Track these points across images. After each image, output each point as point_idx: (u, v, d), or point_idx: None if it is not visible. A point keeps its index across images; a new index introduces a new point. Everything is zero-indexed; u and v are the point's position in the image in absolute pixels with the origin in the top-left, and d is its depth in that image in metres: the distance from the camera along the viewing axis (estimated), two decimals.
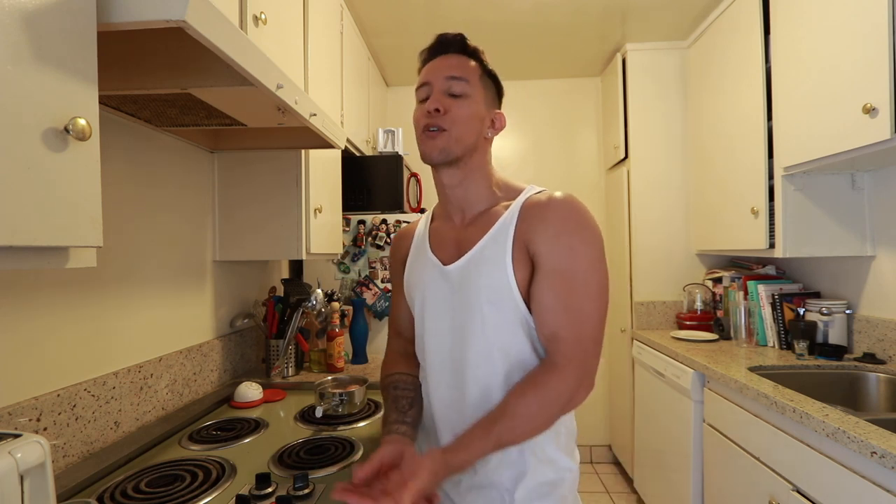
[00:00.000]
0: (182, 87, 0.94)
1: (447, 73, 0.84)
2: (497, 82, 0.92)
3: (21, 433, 0.56)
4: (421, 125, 0.85)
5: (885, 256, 1.70)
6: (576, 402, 0.78)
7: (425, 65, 0.89)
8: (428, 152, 0.84)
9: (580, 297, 0.77)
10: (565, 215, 0.80)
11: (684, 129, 2.59)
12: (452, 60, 0.86)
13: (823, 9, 1.52)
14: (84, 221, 0.56)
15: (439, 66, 0.86)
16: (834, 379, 1.65)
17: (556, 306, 0.77)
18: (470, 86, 0.84)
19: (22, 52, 0.49)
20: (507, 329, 0.81)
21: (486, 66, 0.89)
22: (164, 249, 1.32)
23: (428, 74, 0.86)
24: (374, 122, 2.62)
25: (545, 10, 2.26)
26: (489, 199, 0.89)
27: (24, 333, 0.90)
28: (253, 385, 1.43)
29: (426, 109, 0.83)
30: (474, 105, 0.85)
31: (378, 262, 2.13)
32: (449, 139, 0.83)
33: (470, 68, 0.86)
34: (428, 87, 0.86)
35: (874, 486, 1.01)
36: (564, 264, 0.77)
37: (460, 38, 0.87)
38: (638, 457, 2.45)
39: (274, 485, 0.88)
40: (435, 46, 0.88)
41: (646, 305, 2.60)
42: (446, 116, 0.83)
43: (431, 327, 0.89)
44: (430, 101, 0.83)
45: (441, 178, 0.89)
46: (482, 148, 0.88)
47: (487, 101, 0.88)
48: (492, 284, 0.81)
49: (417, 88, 0.88)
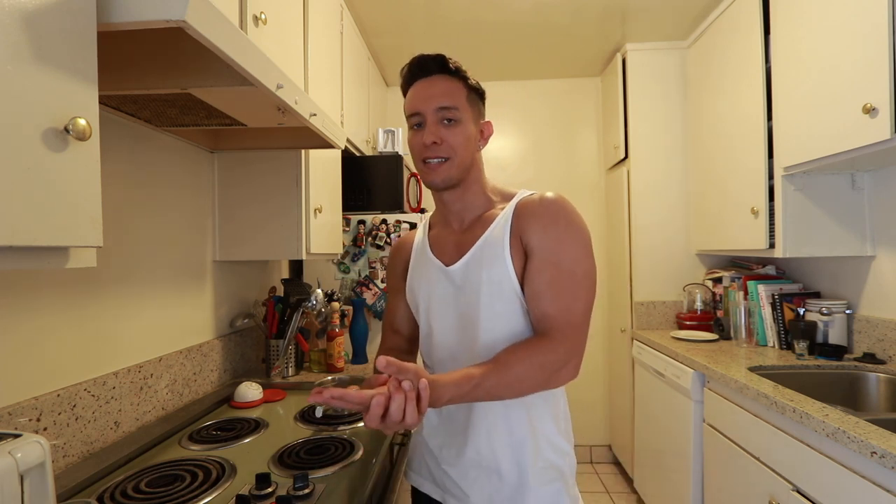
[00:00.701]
0: (182, 87, 0.94)
1: (437, 103, 0.86)
2: (481, 94, 0.94)
3: (21, 433, 0.56)
4: (419, 156, 0.89)
5: (885, 256, 1.70)
6: (562, 377, 0.81)
7: (409, 86, 0.91)
8: (431, 182, 0.90)
9: (567, 282, 0.82)
10: (555, 211, 0.85)
11: (684, 130, 2.59)
12: (439, 87, 0.88)
13: (823, 9, 1.52)
14: (84, 221, 0.56)
15: (428, 94, 0.87)
16: (834, 379, 1.65)
17: (546, 291, 0.82)
18: (460, 111, 0.87)
19: (22, 52, 0.49)
20: (511, 318, 0.86)
21: (470, 82, 0.91)
22: (165, 249, 1.32)
23: (417, 103, 0.88)
24: (374, 122, 2.62)
25: (545, 10, 2.26)
26: (485, 204, 0.94)
27: (24, 333, 0.90)
28: (253, 385, 1.43)
29: (423, 143, 0.87)
30: (467, 129, 0.89)
31: (378, 262, 2.13)
32: (451, 168, 0.88)
33: (457, 93, 0.88)
34: (419, 115, 0.88)
35: (874, 486, 1.01)
36: (553, 253, 0.83)
37: (440, 58, 0.89)
38: (638, 457, 2.45)
39: (274, 485, 0.88)
40: (415, 68, 0.90)
41: (646, 305, 2.60)
42: (443, 146, 0.87)
43: (438, 326, 0.93)
44: (427, 134, 0.86)
45: (442, 197, 0.95)
46: (476, 162, 0.93)
47: (475, 117, 0.92)
48: (493, 278, 0.86)
49: (409, 116, 0.90)
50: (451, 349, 0.91)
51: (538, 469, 0.86)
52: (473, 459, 0.88)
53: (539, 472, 0.86)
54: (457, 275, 0.91)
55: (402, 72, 0.93)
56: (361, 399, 0.65)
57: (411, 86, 0.91)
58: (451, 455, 0.91)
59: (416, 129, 0.89)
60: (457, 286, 0.91)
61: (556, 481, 0.87)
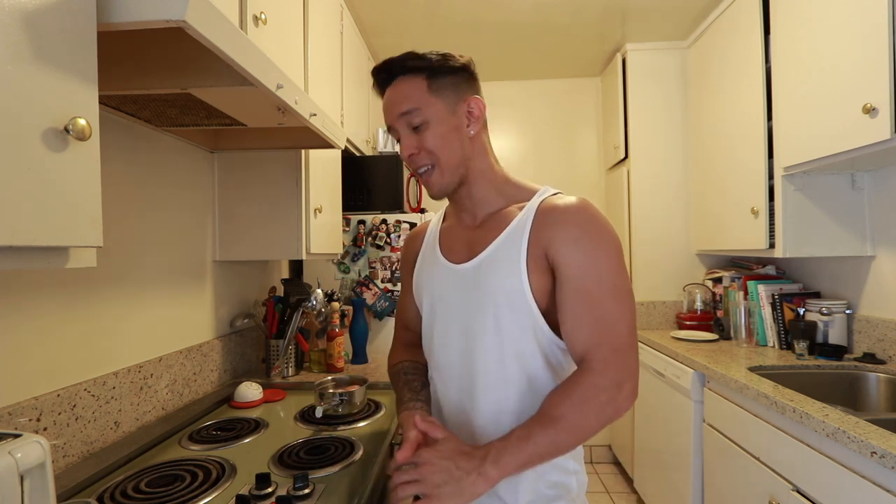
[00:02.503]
0: (182, 87, 0.94)
1: (396, 110, 0.81)
2: (454, 70, 0.82)
3: (21, 433, 0.56)
4: (410, 167, 0.85)
5: (885, 256, 1.70)
6: (620, 404, 0.73)
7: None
8: (431, 193, 0.86)
9: (609, 303, 0.74)
10: (584, 221, 0.77)
11: (684, 130, 2.59)
12: (394, 93, 0.82)
13: (823, 9, 1.52)
14: (84, 221, 0.56)
15: (388, 104, 0.83)
16: (834, 379, 1.65)
17: (586, 318, 0.74)
18: (423, 109, 0.80)
19: (22, 52, 0.49)
20: (520, 334, 0.79)
21: (432, 66, 0.81)
22: (165, 249, 1.32)
23: (386, 117, 0.84)
24: (374, 122, 2.62)
25: (545, 10, 2.26)
26: (499, 199, 0.86)
27: (24, 333, 0.90)
28: (253, 385, 1.43)
29: (403, 156, 0.83)
30: (439, 125, 0.80)
31: (378, 262, 2.13)
32: (441, 173, 0.82)
33: (415, 91, 0.80)
34: (392, 129, 0.84)
35: (874, 486, 1.01)
36: (587, 272, 0.75)
37: (392, 62, 0.82)
38: (638, 457, 2.45)
39: (274, 485, 0.87)
40: (376, 79, 0.85)
41: (646, 305, 2.60)
42: (422, 154, 0.81)
43: (440, 328, 0.88)
44: (402, 147, 0.82)
45: (450, 196, 0.89)
46: (475, 150, 0.84)
47: (450, 103, 0.81)
48: (505, 288, 0.79)
49: (388, 131, 0.88)
50: (452, 356, 0.86)
51: (540, 492, 0.80)
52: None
53: (541, 494, 0.80)
54: (465, 276, 0.84)
55: (373, 89, 0.88)
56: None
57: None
58: None
59: (399, 142, 0.84)
60: (464, 289, 0.84)
61: (560, 499, 0.80)
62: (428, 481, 0.67)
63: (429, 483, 0.67)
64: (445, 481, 0.66)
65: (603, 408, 0.71)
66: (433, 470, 0.68)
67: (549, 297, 0.79)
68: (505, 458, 0.68)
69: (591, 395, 0.71)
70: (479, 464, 0.68)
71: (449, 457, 0.69)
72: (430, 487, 0.67)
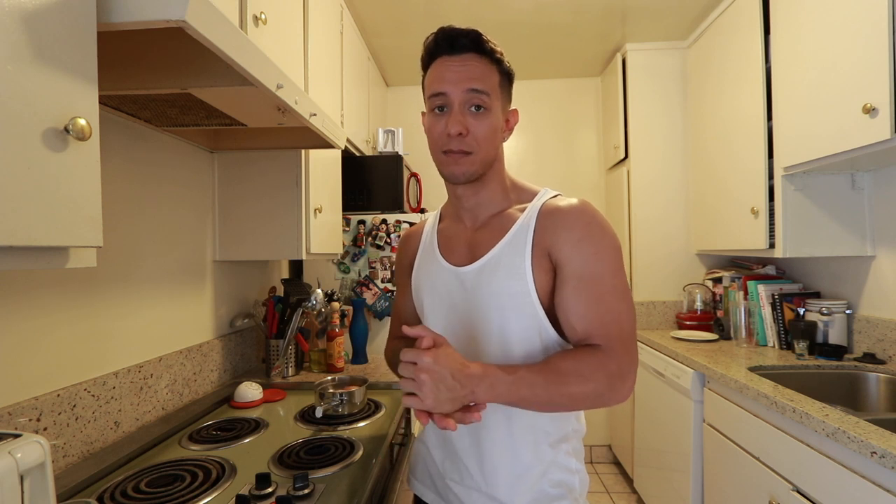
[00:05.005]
0: (182, 87, 0.93)
1: (468, 84, 0.77)
2: (511, 81, 0.85)
3: (21, 433, 0.56)
4: (440, 146, 0.80)
5: (885, 256, 1.70)
6: (619, 393, 0.72)
7: (433, 60, 0.81)
8: (452, 174, 0.81)
9: (611, 298, 0.75)
10: (587, 222, 0.77)
11: (684, 129, 2.59)
12: (473, 68, 0.78)
13: (823, 9, 1.52)
14: (84, 221, 0.56)
15: (457, 74, 0.77)
16: (834, 379, 1.65)
17: (587, 313, 0.74)
18: (491, 98, 0.78)
19: (22, 52, 0.49)
20: (525, 336, 0.79)
21: (505, 68, 0.82)
22: (164, 249, 1.32)
23: (444, 82, 0.78)
24: (374, 122, 2.62)
25: (545, 9, 2.26)
26: (502, 201, 0.86)
27: (24, 333, 0.90)
28: (253, 385, 1.43)
29: (447, 132, 0.77)
30: (495, 119, 0.80)
31: (378, 262, 2.13)
32: (475, 162, 0.79)
33: (491, 76, 0.79)
34: (444, 97, 0.78)
35: (874, 486, 1.01)
36: (590, 269, 0.75)
37: (474, 35, 0.78)
38: (638, 457, 2.45)
39: (274, 485, 0.88)
40: (444, 41, 0.79)
41: (646, 305, 2.60)
42: (468, 138, 0.78)
43: (442, 331, 0.86)
44: (451, 122, 0.77)
45: (455, 191, 0.87)
46: (500, 156, 0.85)
47: (504, 106, 0.83)
48: (510, 291, 0.78)
49: (431, 96, 0.80)
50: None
51: (543, 491, 0.80)
52: (476, 484, 0.83)
53: (545, 492, 0.80)
54: (467, 280, 0.83)
55: (426, 42, 0.81)
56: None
57: (435, 60, 0.80)
58: (454, 471, 0.86)
59: (438, 112, 0.79)
60: (466, 292, 0.83)
61: (563, 498, 0.81)
62: (426, 385, 0.65)
63: (425, 387, 0.65)
64: (440, 389, 0.65)
65: (605, 387, 0.71)
66: (431, 376, 0.65)
67: (551, 298, 0.79)
68: (500, 389, 0.68)
69: (600, 370, 0.71)
70: (476, 383, 0.67)
71: (447, 366, 0.66)
72: (425, 390, 0.65)
